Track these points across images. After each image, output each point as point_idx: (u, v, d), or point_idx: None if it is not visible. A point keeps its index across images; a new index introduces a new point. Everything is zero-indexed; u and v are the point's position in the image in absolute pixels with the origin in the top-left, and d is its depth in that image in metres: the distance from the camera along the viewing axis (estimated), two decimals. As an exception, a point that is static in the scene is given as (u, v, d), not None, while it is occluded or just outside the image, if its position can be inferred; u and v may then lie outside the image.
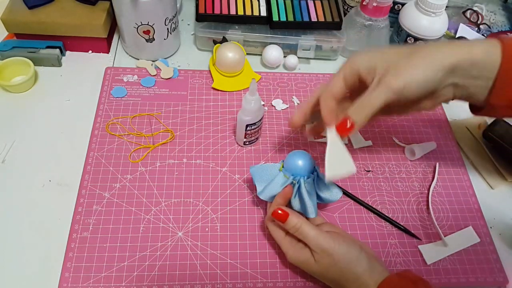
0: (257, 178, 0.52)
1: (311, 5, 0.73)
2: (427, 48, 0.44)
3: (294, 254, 0.48)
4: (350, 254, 0.45)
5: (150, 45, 0.68)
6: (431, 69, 0.42)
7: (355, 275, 0.44)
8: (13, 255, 0.50)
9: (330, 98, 0.46)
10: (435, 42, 0.45)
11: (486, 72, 0.43)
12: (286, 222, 0.47)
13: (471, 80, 0.44)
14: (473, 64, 0.43)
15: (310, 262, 0.46)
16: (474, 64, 0.43)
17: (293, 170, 0.50)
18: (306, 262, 0.47)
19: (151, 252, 0.51)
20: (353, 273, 0.44)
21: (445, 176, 0.61)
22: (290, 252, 0.48)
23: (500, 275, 0.53)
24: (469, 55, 0.43)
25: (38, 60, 0.66)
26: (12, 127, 0.60)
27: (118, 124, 0.61)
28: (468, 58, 0.43)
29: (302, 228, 0.46)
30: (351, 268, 0.44)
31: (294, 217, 0.47)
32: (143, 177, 0.57)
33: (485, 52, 0.43)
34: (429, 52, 0.43)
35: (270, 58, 0.70)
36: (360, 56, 0.45)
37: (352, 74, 0.45)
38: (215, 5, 0.70)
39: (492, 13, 0.87)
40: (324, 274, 0.46)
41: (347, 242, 0.46)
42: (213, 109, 0.65)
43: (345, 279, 0.45)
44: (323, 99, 0.46)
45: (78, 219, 0.52)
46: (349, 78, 0.45)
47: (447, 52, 0.43)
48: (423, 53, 0.43)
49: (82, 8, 0.68)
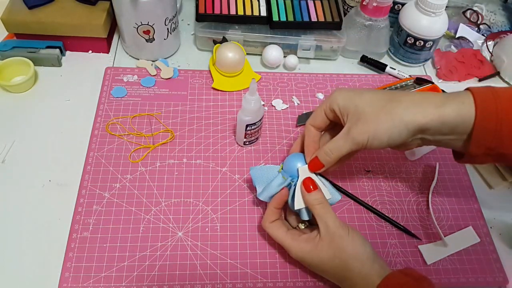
0: (257, 179, 0.52)
1: (311, 5, 0.73)
2: (398, 104, 0.44)
3: (298, 246, 0.47)
4: (359, 243, 0.45)
5: (150, 45, 0.68)
6: (397, 129, 0.44)
7: (361, 264, 0.44)
8: (13, 255, 0.50)
9: (312, 129, 0.51)
10: (407, 97, 0.45)
11: (459, 129, 0.44)
12: (316, 192, 0.47)
13: (441, 136, 0.45)
14: (443, 124, 0.44)
15: (315, 252, 0.46)
16: (445, 123, 0.44)
17: (292, 172, 0.50)
18: (311, 253, 0.46)
19: (151, 252, 0.51)
20: (359, 262, 0.44)
21: (445, 176, 0.61)
22: (294, 246, 0.48)
23: (500, 275, 0.53)
24: (438, 115, 0.43)
25: (38, 60, 0.66)
26: (12, 127, 0.60)
27: (118, 124, 0.61)
28: (437, 118, 0.43)
29: (325, 204, 0.47)
30: (358, 257, 0.45)
31: (321, 193, 0.48)
32: (143, 177, 0.57)
33: (456, 111, 0.43)
34: (398, 111, 0.44)
35: (270, 58, 0.70)
36: (339, 95, 0.47)
37: (330, 110, 0.49)
38: (215, 5, 0.70)
39: (492, 13, 0.87)
40: (329, 264, 0.46)
41: (357, 232, 0.47)
42: (213, 109, 0.65)
43: (350, 268, 0.44)
44: (306, 130, 0.51)
45: (78, 219, 0.52)
46: (328, 113, 0.49)
47: (417, 113, 0.44)
48: (393, 111, 0.44)
49: (82, 8, 0.68)
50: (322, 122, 0.50)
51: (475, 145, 0.44)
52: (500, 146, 0.43)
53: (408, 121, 0.44)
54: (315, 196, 0.47)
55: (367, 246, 0.46)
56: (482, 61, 0.76)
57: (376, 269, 0.44)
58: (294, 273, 0.51)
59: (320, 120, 0.50)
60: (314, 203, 0.47)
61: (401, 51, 0.74)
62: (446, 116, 0.43)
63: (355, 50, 0.74)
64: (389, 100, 0.45)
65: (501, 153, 0.44)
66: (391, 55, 0.76)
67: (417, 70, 0.76)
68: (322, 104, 0.50)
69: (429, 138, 0.46)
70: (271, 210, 0.50)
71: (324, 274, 0.48)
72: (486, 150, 0.44)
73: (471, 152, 0.45)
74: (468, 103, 0.43)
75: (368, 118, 0.45)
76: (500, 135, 0.43)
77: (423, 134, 0.45)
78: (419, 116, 0.44)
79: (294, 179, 0.50)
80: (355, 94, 0.47)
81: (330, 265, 0.46)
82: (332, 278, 0.47)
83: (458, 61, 0.75)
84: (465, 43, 0.79)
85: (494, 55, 0.77)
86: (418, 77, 0.71)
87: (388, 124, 0.44)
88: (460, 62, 0.75)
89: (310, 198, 0.47)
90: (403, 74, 0.72)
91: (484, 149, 0.44)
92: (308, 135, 0.51)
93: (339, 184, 0.58)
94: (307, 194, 0.47)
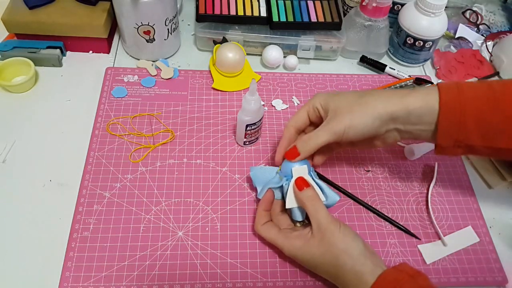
0: (256, 180, 0.53)
1: (311, 5, 0.73)
2: (370, 97, 0.49)
3: (290, 243, 0.48)
4: (349, 238, 0.46)
5: (150, 46, 0.68)
6: (369, 118, 0.48)
7: (352, 260, 0.44)
8: (14, 255, 0.50)
9: (292, 130, 0.53)
10: (378, 92, 0.51)
11: (425, 118, 0.47)
12: (308, 189, 0.48)
13: (411, 126, 0.48)
14: (409, 113, 0.47)
15: (307, 247, 0.46)
16: (410, 113, 0.47)
17: (288, 173, 0.50)
18: (302, 249, 0.47)
19: (152, 252, 0.51)
20: (350, 257, 0.44)
21: (445, 176, 0.61)
22: (286, 244, 0.48)
23: (500, 275, 0.53)
24: (404, 105, 0.47)
25: (38, 60, 0.66)
26: (13, 127, 0.61)
27: (118, 124, 0.62)
28: (403, 108, 0.47)
29: (317, 200, 0.47)
30: (349, 252, 0.44)
31: (313, 190, 0.48)
32: (144, 177, 0.57)
33: (420, 101, 0.47)
34: (369, 102, 0.48)
35: (270, 58, 0.70)
36: (321, 96, 0.52)
37: (313, 110, 0.52)
38: (215, 5, 0.71)
39: (492, 13, 0.87)
40: (320, 260, 0.46)
41: (348, 228, 0.47)
42: (213, 109, 0.65)
43: (341, 264, 0.44)
44: (286, 129, 0.53)
45: (79, 219, 0.52)
46: (311, 113, 0.53)
47: (385, 102, 0.48)
48: (364, 102, 0.48)
49: (83, 8, 0.68)
50: (303, 124, 0.53)
51: (442, 136, 0.47)
52: (467, 138, 0.46)
53: (379, 110, 0.47)
54: (307, 193, 0.48)
55: (359, 242, 0.46)
56: (482, 61, 0.76)
57: (369, 266, 0.44)
58: (294, 272, 0.51)
59: (301, 121, 0.53)
60: (305, 200, 0.47)
61: (401, 51, 0.74)
62: (411, 105, 0.47)
63: (355, 51, 0.74)
64: (363, 95, 0.50)
65: (469, 145, 0.47)
66: (390, 55, 0.77)
67: (417, 70, 0.76)
68: (304, 106, 0.53)
69: (401, 128, 0.49)
70: (261, 213, 0.51)
71: (317, 270, 0.48)
72: (455, 142, 0.47)
73: (440, 143, 0.48)
74: (433, 94, 0.47)
75: (344, 111, 0.49)
76: (465, 127, 0.46)
77: (395, 123, 0.48)
78: (388, 104, 0.47)
79: (289, 179, 0.50)
80: (333, 95, 0.51)
81: (321, 261, 0.46)
82: (325, 274, 0.47)
83: (458, 61, 0.75)
84: (464, 44, 0.79)
85: (493, 55, 0.77)
86: (418, 77, 0.71)
87: (361, 114, 0.48)
88: (459, 62, 0.75)
89: (302, 195, 0.48)
90: (402, 74, 0.72)
91: (453, 141, 0.47)
92: (285, 136, 0.53)
93: (339, 184, 0.58)
94: (299, 192, 0.48)
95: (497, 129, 0.45)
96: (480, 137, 0.46)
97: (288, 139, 0.53)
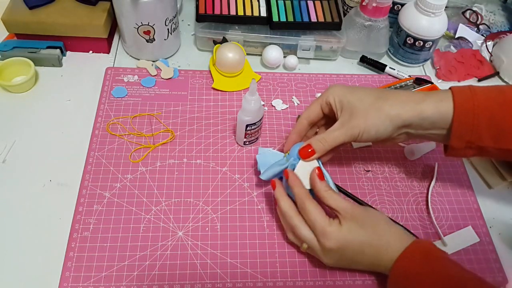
0: (262, 164, 0.54)
1: (311, 5, 0.73)
2: (385, 102, 0.50)
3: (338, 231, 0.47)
4: (373, 210, 0.49)
5: (150, 46, 0.68)
6: (383, 124, 0.49)
7: (388, 224, 0.48)
8: (13, 255, 0.50)
9: (304, 122, 0.54)
10: (394, 95, 0.51)
11: (438, 124, 0.49)
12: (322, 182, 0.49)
13: (423, 130, 0.50)
14: (423, 119, 0.49)
15: (337, 228, 0.46)
16: (424, 119, 0.49)
17: (296, 155, 0.51)
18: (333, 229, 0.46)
19: (152, 252, 0.51)
20: (386, 222, 0.48)
21: (445, 176, 0.61)
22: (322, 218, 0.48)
23: (500, 275, 0.53)
24: (418, 112, 0.48)
25: (38, 60, 0.66)
26: (13, 127, 0.61)
27: (118, 124, 0.62)
28: (417, 114, 0.49)
29: (331, 191, 0.48)
30: (382, 217, 0.48)
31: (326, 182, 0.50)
32: (144, 177, 0.57)
33: (434, 108, 0.48)
34: (385, 108, 0.49)
35: (270, 58, 0.70)
36: (335, 91, 0.52)
37: (326, 104, 0.53)
38: (215, 5, 0.71)
39: (492, 13, 0.87)
40: (351, 241, 0.46)
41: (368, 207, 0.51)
42: (213, 109, 0.65)
43: (378, 237, 0.46)
44: (299, 121, 0.55)
45: (79, 219, 0.52)
46: (324, 106, 0.53)
47: (400, 109, 0.49)
48: (380, 108, 0.49)
49: (83, 9, 0.68)
50: (316, 117, 0.54)
51: (455, 138, 0.48)
52: (479, 139, 0.48)
53: (393, 117, 0.49)
54: (324, 183, 0.49)
55: (384, 216, 0.49)
56: (482, 61, 0.76)
57: (400, 227, 0.49)
58: (294, 272, 0.51)
59: (315, 114, 0.54)
60: (323, 190, 0.48)
61: (401, 51, 0.74)
62: (425, 112, 0.48)
63: (355, 51, 0.75)
64: (378, 98, 0.50)
65: (480, 146, 0.48)
66: (390, 55, 0.77)
67: (417, 70, 0.76)
68: (318, 99, 0.53)
69: (413, 132, 0.51)
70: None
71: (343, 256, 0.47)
72: (467, 144, 0.48)
73: (452, 145, 0.49)
74: (446, 100, 0.48)
75: (359, 113, 0.50)
76: (478, 129, 0.47)
77: (407, 128, 0.50)
78: (402, 111, 0.49)
79: (296, 160, 0.51)
80: (348, 91, 0.52)
81: (353, 241, 0.46)
82: (353, 257, 0.47)
83: (458, 61, 0.75)
84: (464, 43, 0.79)
85: (493, 55, 0.77)
86: (418, 77, 0.71)
87: (376, 120, 0.49)
88: (459, 62, 0.75)
89: (321, 186, 0.48)
90: (402, 74, 0.72)
91: (465, 142, 0.48)
92: (297, 128, 0.54)
93: (339, 184, 0.58)
94: (318, 182, 0.48)
95: (508, 131, 0.47)
96: (492, 139, 0.48)
97: (299, 132, 0.54)
